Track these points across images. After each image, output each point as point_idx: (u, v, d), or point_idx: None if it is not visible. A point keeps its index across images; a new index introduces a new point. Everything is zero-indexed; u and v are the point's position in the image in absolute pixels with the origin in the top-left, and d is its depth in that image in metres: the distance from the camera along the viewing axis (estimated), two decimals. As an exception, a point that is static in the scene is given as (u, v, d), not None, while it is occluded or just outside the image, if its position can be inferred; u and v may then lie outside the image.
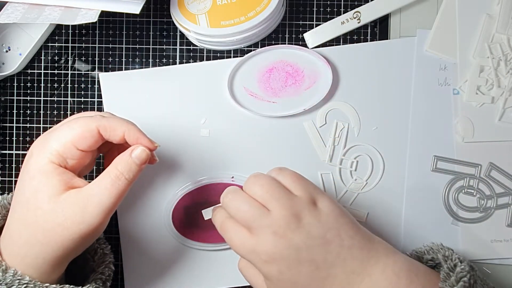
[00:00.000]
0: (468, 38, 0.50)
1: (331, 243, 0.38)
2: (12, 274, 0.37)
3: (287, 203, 0.39)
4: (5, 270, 0.37)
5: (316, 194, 0.40)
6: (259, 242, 0.38)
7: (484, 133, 0.50)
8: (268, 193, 0.39)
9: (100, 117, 0.39)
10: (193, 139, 0.51)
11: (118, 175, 0.37)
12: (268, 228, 0.38)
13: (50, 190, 0.37)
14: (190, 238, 0.49)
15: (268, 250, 0.38)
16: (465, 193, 0.51)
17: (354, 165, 0.51)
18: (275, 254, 0.38)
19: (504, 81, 0.50)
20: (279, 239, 0.38)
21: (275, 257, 0.38)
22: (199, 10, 0.48)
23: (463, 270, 0.39)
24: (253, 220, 0.39)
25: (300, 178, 0.41)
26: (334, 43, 0.51)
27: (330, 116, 0.51)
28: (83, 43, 0.51)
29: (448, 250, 0.43)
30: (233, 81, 0.50)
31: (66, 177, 0.38)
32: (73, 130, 0.38)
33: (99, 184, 0.37)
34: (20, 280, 0.37)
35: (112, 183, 0.37)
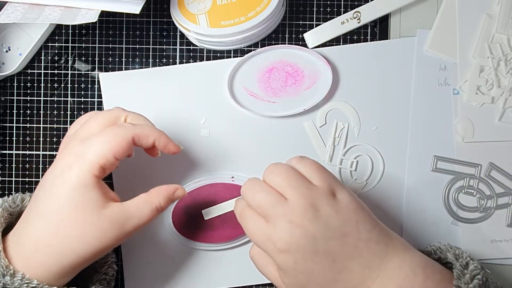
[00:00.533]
0: (468, 38, 0.50)
1: (349, 235, 0.38)
2: (20, 278, 0.37)
3: (305, 192, 0.38)
4: (13, 274, 0.37)
5: (336, 185, 0.40)
6: (275, 231, 0.38)
7: (484, 133, 0.50)
8: (285, 181, 0.39)
9: (131, 125, 0.41)
10: (193, 139, 0.51)
11: (158, 207, 0.41)
12: (284, 217, 0.38)
13: (94, 204, 0.38)
14: (190, 238, 0.49)
15: (284, 239, 0.37)
16: (465, 193, 0.51)
17: (354, 165, 0.51)
18: (291, 244, 0.37)
19: (504, 81, 0.50)
20: (295, 228, 0.37)
21: (290, 246, 0.37)
22: (199, 10, 0.48)
23: (476, 268, 0.39)
24: (269, 208, 0.38)
25: (320, 168, 0.41)
26: (334, 43, 0.51)
27: (330, 116, 0.51)
28: (83, 43, 0.51)
29: (457, 249, 0.42)
30: (233, 81, 0.50)
31: (105, 190, 0.40)
32: (112, 141, 0.39)
33: (140, 208, 0.40)
34: (28, 284, 0.37)
35: (151, 211, 0.40)
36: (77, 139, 0.40)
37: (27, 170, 0.52)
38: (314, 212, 0.38)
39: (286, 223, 0.37)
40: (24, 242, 0.39)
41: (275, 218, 0.38)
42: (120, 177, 0.50)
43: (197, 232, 0.49)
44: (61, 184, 0.39)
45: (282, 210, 0.38)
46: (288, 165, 0.40)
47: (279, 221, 0.38)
